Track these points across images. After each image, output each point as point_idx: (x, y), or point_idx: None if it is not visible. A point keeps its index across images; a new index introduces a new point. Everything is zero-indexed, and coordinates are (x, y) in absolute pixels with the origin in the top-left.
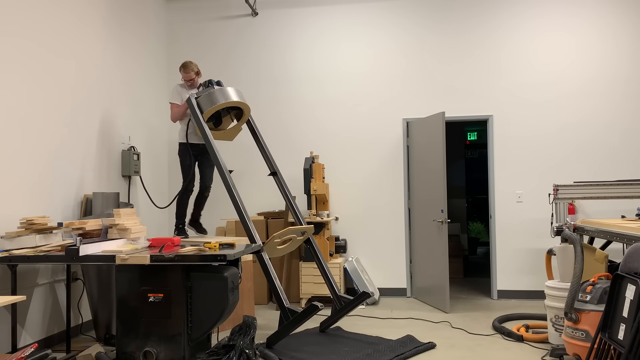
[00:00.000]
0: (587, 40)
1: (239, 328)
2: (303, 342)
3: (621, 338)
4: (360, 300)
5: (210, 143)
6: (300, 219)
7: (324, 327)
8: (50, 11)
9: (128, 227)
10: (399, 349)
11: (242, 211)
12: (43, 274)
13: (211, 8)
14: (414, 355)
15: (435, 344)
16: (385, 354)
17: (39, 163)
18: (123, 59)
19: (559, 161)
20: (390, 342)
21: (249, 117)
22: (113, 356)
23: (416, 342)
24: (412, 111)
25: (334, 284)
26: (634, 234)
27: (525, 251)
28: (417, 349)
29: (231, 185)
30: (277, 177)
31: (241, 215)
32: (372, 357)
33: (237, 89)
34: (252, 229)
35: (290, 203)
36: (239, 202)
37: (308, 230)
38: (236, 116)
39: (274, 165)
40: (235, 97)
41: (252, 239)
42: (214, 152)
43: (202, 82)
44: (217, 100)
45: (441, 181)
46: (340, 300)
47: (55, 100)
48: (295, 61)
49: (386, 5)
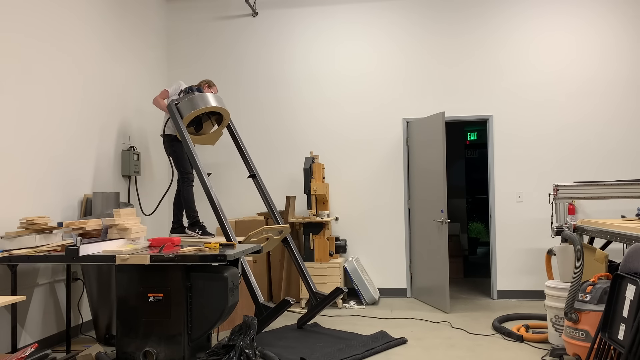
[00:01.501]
0: (587, 40)
1: (239, 328)
2: (279, 337)
3: (621, 338)
4: (334, 296)
5: (189, 147)
6: (277, 218)
7: (301, 323)
8: (51, 10)
9: (128, 227)
10: (370, 344)
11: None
12: (43, 274)
13: (211, 8)
14: (385, 349)
15: (406, 339)
16: (357, 348)
17: (39, 163)
18: (123, 58)
19: (559, 161)
20: (363, 338)
21: (229, 122)
22: (113, 356)
23: (388, 337)
24: (412, 111)
25: (309, 281)
26: (634, 234)
27: (525, 251)
28: (389, 344)
29: (209, 188)
30: (256, 180)
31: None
32: (344, 352)
33: (217, 95)
34: (228, 228)
35: (268, 203)
36: (216, 203)
37: (285, 230)
38: (217, 121)
39: (254, 168)
40: (214, 102)
41: (227, 237)
42: (193, 156)
43: (183, 88)
44: (197, 106)
45: (441, 181)
46: (315, 296)
47: (55, 100)
48: (295, 61)
49: (386, 5)
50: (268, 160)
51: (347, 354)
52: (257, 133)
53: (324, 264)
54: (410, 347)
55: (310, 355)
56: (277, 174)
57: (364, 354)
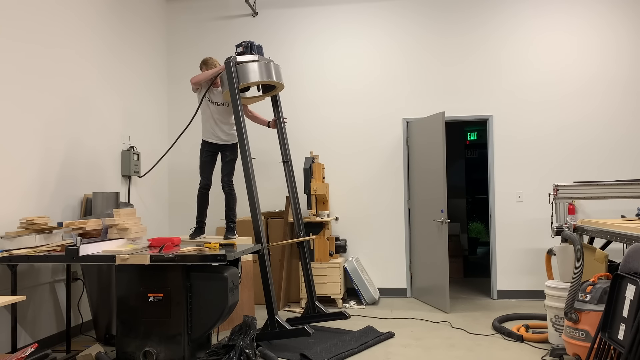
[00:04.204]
0: (588, 40)
1: (239, 328)
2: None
3: (621, 338)
4: (335, 318)
5: (239, 118)
6: (299, 222)
7: (292, 323)
8: (52, 10)
9: (128, 227)
10: (361, 339)
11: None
12: (43, 274)
13: (211, 8)
14: (376, 343)
15: (394, 334)
16: (350, 343)
17: (39, 163)
18: (124, 58)
19: (559, 161)
20: (353, 333)
21: (277, 94)
22: (113, 356)
23: (376, 332)
24: (412, 111)
25: (313, 291)
26: (634, 234)
27: (525, 251)
28: (378, 338)
29: (251, 174)
30: (287, 166)
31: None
32: (339, 347)
33: (276, 65)
34: (261, 230)
35: (292, 193)
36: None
37: (305, 242)
38: (263, 87)
39: (288, 154)
40: (275, 77)
41: (258, 238)
42: (241, 128)
43: (243, 42)
44: (256, 77)
45: (441, 181)
46: (315, 309)
47: (55, 100)
48: (294, 61)
49: (386, 5)
50: (268, 160)
51: (343, 348)
52: (257, 133)
53: (324, 264)
54: (410, 347)
55: (308, 350)
56: (277, 174)
57: (359, 348)
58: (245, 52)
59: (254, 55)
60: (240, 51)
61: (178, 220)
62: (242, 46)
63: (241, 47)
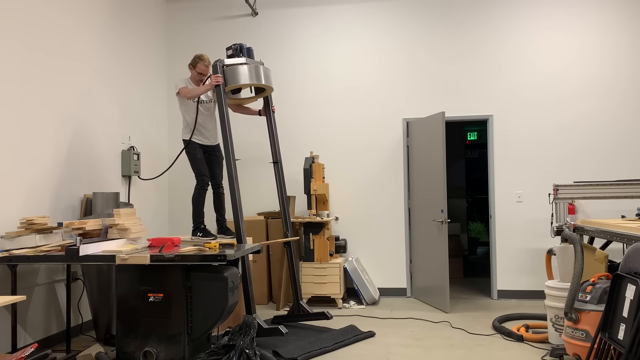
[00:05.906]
0: (587, 40)
1: (239, 328)
2: None
3: (621, 338)
4: (318, 318)
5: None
6: (287, 222)
7: (276, 320)
8: (51, 12)
9: (128, 227)
10: (339, 337)
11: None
12: (43, 274)
13: (211, 8)
14: (354, 342)
15: (374, 333)
16: (327, 341)
17: (39, 163)
18: (123, 58)
19: (559, 161)
20: (333, 332)
21: (267, 95)
22: (113, 356)
23: (357, 331)
24: (412, 111)
25: (298, 290)
26: (634, 234)
27: (525, 251)
28: (357, 337)
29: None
30: (277, 167)
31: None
32: (314, 344)
33: (266, 68)
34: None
35: (282, 195)
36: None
37: (292, 241)
38: (255, 89)
39: (278, 155)
40: (264, 79)
41: (239, 238)
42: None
43: (233, 45)
44: (245, 79)
45: (441, 181)
46: (300, 308)
47: (55, 100)
48: (294, 61)
49: (386, 5)
50: (268, 160)
51: (317, 346)
52: (257, 133)
53: (324, 264)
54: (411, 347)
55: (282, 347)
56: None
57: (333, 347)
58: (234, 54)
59: (242, 57)
60: (230, 54)
61: (178, 220)
62: (232, 49)
63: (231, 50)
